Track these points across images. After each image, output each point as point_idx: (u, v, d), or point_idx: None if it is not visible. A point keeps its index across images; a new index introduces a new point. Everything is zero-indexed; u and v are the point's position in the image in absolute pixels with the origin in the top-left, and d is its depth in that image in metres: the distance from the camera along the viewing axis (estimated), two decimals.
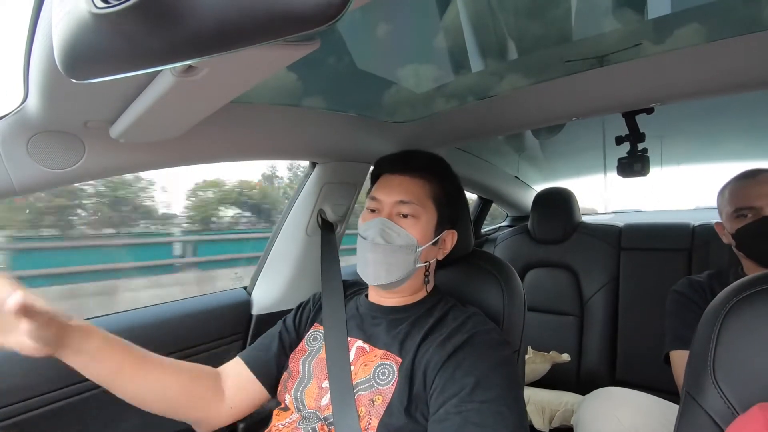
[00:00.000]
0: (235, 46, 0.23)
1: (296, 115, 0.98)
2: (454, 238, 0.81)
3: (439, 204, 0.77)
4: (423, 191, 0.76)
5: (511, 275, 0.88)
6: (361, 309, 0.81)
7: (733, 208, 0.96)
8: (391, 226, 0.73)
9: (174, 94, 0.51)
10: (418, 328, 0.72)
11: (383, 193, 0.76)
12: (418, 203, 0.74)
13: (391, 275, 0.73)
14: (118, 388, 0.66)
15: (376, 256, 0.73)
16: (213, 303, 1.10)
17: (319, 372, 0.75)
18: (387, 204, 0.75)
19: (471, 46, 0.90)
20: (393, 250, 0.72)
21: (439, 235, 0.77)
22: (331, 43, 0.80)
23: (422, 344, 0.69)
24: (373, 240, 0.73)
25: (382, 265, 0.73)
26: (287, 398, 0.76)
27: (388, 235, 0.73)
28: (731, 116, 1.52)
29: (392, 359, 0.70)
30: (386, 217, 0.74)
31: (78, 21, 0.25)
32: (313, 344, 0.80)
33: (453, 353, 0.65)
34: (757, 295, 0.54)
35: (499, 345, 0.68)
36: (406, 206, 0.74)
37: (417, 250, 0.73)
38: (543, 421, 1.40)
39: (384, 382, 0.68)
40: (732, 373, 0.52)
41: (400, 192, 0.75)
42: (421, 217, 0.74)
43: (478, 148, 1.77)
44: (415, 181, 0.76)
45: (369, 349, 0.74)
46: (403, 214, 0.74)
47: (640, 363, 1.52)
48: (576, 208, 1.80)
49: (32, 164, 0.67)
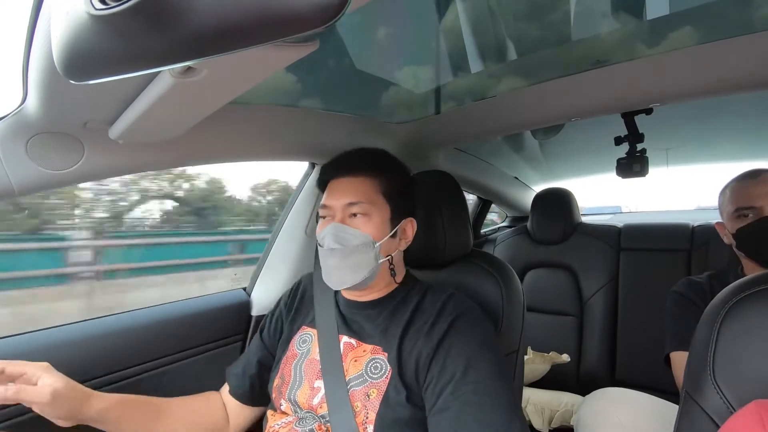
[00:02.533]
0: (234, 47, 0.23)
1: (295, 115, 0.98)
2: (413, 226, 0.81)
3: (390, 197, 0.77)
4: (371, 188, 0.76)
5: (510, 275, 0.88)
6: (342, 306, 0.82)
7: (734, 208, 0.96)
8: (344, 229, 0.73)
9: (173, 95, 0.51)
10: (398, 320, 0.74)
11: (332, 199, 0.77)
12: (366, 201, 0.74)
13: (356, 276, 0.73)
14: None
15: (335, 261, 0.73)
16: (212, 304, 1.10)
17: (310, 373, 0.75)
18: (338, 208, 0.75)
19: (470, 47, 0.90)
20: (350, 252, 0.73)
21: (396, 226, 0.78)
22: (329, 44, 0.80)
23: (405, 335, 0.71)
24: (329, 246, 0.73)
25: (344, 269, 0.73)
26: (283, 404, 0.76)
27: (343, 238, 0.73)
28: (732, 116, 1.52)
29: (382, 354, 0.72)
30: (339, 221, 0.75)
31: (77, 22, 0.25)
32: (303, 347, 0.80)
33: (440, 342, 0.67)
34: (757, 295, 0.54)
35: (481, 322, 0.72)
36: (356, 206, 0.74)
37: (375, 246, 0.74)
38: (543, 421, 1.40)
39: (377, 376, 0.69)
40: (731, 374, 0.52)
41: (348, 194, 0.75)
42: (372, 214, 0.75)
43: (477, 148, 1.77)
44: (361, 179, 0.77)
45: (356, 344, 0.75)
46: (354, 214, 0.75)
47: (639, 363, 1.52)
48: (575, 208, 1.80)
49: (31, 165, 0.67)
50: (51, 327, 0.85)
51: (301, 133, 1.03)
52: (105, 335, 0.88)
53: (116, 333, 0.90)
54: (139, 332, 0.92)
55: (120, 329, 0.91)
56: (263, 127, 0.94)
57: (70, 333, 0.85)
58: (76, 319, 0.89)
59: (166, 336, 0.97)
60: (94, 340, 0.86)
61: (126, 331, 0.91)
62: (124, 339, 0.90)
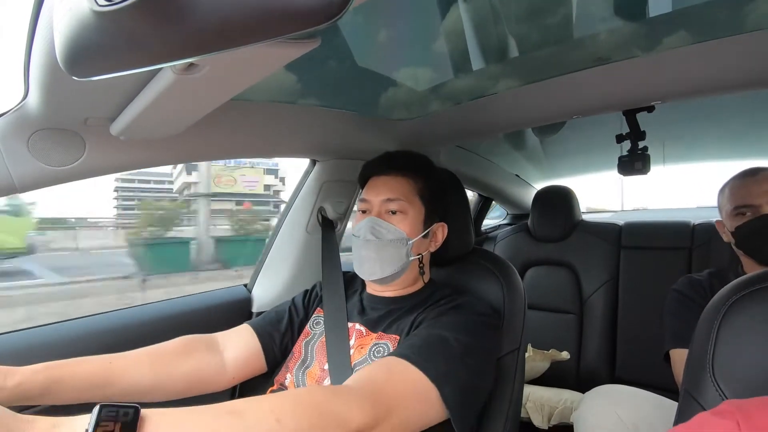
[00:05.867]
0: (236, 43, 0.23)
1: (296, 112, 0.98)
2: (444, 231, 0.85)
3: (425, 199, 0.81)
4: (408, 188, 0.80)
5: (511, 273, 0.88)
6: (364, 299, 0.85)
7: (732, 206, 0.97)
8: (380, 223, 0.78)
9: (174, 92, 0.51)
10: (414, 311, 0.76)
11: (372, 194, 0.81)
12: (404, 199, 0.78)
13: (385, 269, 0.77)
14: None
15: (369, 252, 0.77)
16: (214, 300, 1.10)
17: (321, 355, 0.78)
18: (376, 203, 0.79)
19: (472, 44, 0.89)
20: (384, 245, 0.77)
21: (428, 228, 0.81)
22: (331, 41, 0.80)
23: (416, 320, 0.74)
24: (365, 237, 0.78)
25: (375, 261, 0.77)
26: (288, 378, 0.78)
27: (379, 231, 0.77)
28: (732, 115, 1.52)
29: (387, 338, 0.74)
30: (376, 216, 0.79)
31: (79, 18, 0.25)
32: (316, 328, 0.83)
33: (438, 315, 0.71)
34: (756, 293, 0.54)
35: (481, 307, 0.75)
36: (394, 203, 0.78)
37: (408, 243, 0.77)
38: (542, 418, 1.41)
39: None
40: (730, 372, 0.53)
41: (387, 191, 0.79)
42: (408, 212, 0.78)
43: (478, 146, 1.77)
44: (400, 179, 0.81)
45: (365, 333, 0.78)
46: (391, 211, 0.79)
47: (639, 361, 1.52)
48: (576, 206, 1.80)
49: (33, 161, 0.67)
50: (51, 323, 0.85)
51: (302, 130, 1.03)
52: (106, 331, 0.88)
53: (117, 329, 0.90)
54: (140, 328, 0.93)
55: (121, 325, 0.91)
56: (264, 124, 0.94)
57: (70, 329, 0.86)
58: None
59: (167, 332, 0.97)
60: (94, 336, 0.86)
61: (127, 327, 0.91)
62: (125, 335, 0.90)
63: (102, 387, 0.64)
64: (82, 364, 0.64)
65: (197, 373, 0.73)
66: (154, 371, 0.69)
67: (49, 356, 0.66)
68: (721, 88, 0.87)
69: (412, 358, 0.60)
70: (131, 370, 0.67)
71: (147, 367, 0.68)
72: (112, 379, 0.65)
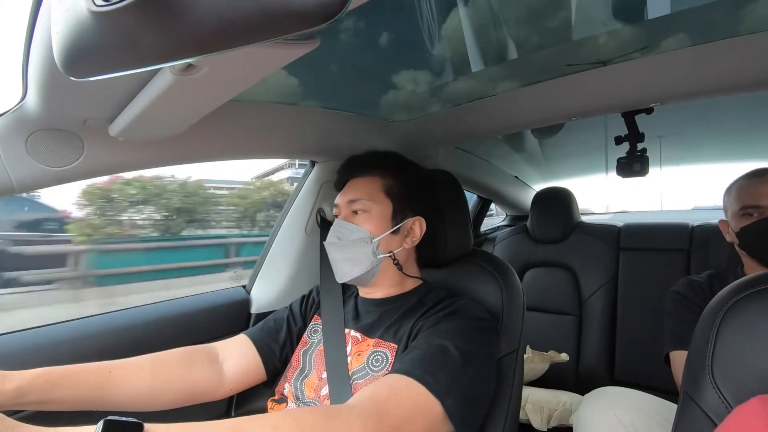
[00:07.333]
0: (235, 44, 0.23)
1: (295, 113, 0.98)
2: (422, 225, 0.83)
3: (393, 195, 0.81)
4: (373, 187, 0.81)
5: (510, 275, 0.88)
6: (359, 304, 0.85)
7: (739, 206, 0.97)
8: (344, 225, 0.79)
9: (173, 93, 0.51)
10: (410, 317, 0.75)
11: (339, 198, 0.83)
12: (367, 198, 0.79)
13: (354, 270, 0.77)
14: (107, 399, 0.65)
15: (336, 254, 0.79)
16: (212, 301, 1.10)
17: (320, 363, 0.77)
18: (342, 206, 0.81)
19: (471, 46, 0.89)
20: (347, 246, 0.78)
21: (399, 224, 0.80)
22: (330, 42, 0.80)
23: (413, 329, 0.72)
24: (329, 239, 0.80)
25: (344, 262, 0.78)
26: (286, 387, 0.78)
27: (342, 233, 0.79)
28: (731, 116, 1.52)
29: (385, 346, 0.73)
30: (343, 218, 0.80)
31: (77, 18, 0.25)
32: (314, 336, 0.83)
33: (436, 323, 0.70)
34: (756, 295, 0.54)
35: (478, 311, 0.74)
36: (357, 203, 0.79)
37: (372, 241, 0.77)
38: (541, 420, 1.41)
39: (378, 368, 0.70)
40: (730, 373, 0.53)
41: (351, 193, 0.81)
42: (372, 210, 0.79)
43: (477, 147, 1.77)
44: (367, 179, 0.82)
45: (361, 339, 0.77)
46: (355, 212, 0.80)
47: (638, 362, 1.52)
48: (575, 207, 1.80)
49: (31, 162, 0.67)
50: (48, 324, 0.85)
51: (302, 131, 1.03)
52: (103, 333, 0.88)
53: (115, 330, 0.90)
54: (138, 329, 0.92)
55: (119, 327, 0.91)
56: (264, 125, 0.94)
57: (67, 331, 0.85)
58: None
59: (165, 333, 0.97)
60: (92, 337, 0.86)
61: (125, 328, 0.91)
62: (123, 336, 0.90)
63: (100, 395, 0.64)
64: (81, 372, 0.64)
65: (196, 384, 0.74)
66: (153, 381, 0.69)
67: (47, 357, 0.66)
68: (719, 90, 0.87)
69: (412, 372, 0.59)
70: (131, 380, 0.67)
71: (147, 377, 0.69)
72: (110, 388, 0.65)
